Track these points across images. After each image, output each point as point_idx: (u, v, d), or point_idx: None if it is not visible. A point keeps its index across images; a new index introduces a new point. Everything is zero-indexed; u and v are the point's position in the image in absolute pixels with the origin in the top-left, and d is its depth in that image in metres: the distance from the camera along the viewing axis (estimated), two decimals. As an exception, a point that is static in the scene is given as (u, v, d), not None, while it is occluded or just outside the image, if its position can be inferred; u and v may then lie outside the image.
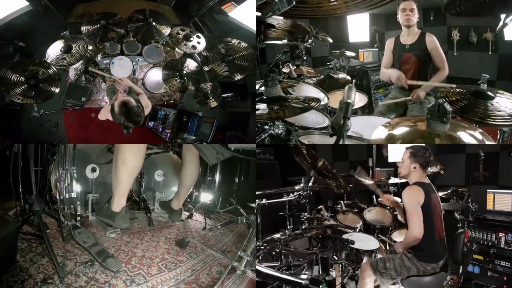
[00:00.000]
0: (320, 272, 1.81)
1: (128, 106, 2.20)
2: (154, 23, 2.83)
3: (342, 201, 3.29)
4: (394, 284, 2.25)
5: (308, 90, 3.08)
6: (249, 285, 2.17)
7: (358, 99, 3.17)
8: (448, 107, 1.61)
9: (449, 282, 2.31)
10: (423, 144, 2.25)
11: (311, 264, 2.18)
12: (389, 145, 3.92)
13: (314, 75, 3.74)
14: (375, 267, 2.18)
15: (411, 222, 2.11)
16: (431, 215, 2.10)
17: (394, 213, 3.09)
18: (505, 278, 2.33)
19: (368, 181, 3.17)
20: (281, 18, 2.41)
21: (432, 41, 2.99)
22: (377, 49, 4.85)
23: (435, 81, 3.01)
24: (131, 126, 2.24)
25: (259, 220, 2.48)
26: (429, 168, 3.44)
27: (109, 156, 3.00)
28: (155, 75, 2.98)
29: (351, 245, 2.39)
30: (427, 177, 2.28)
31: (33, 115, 2.68)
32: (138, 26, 2.83)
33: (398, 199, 2.74)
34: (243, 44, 2.88)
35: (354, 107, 2.70)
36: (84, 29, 2.71)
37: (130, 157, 2.48)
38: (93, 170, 2.89)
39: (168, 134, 3.00)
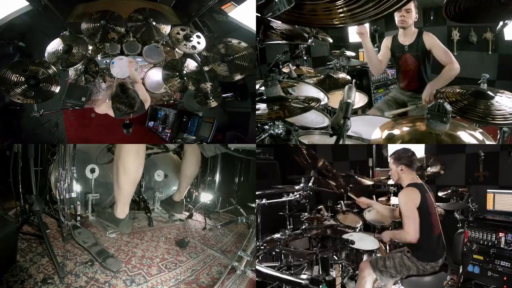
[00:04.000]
0: (320, 272, 1.81)
1: (123, 87, 2.29)
2: (154, 23, 2.83)
3: (342, 201, 3.29)
4: (394, 284, 2.26)
5: (308, 90, 3.09)
6: (249, 285, 2.16)
7: (358, 99, 3.17)
8: (448, 107, 1.62)
9: (449, 282, 2.31)
10: (405, 145, 2.25)
11: (311, 264, 2.18)
12: (389, 145, 3.92)
13: (314, 75, 3.75)
14: (375, 265, 2.18)
15: (407, 226, 2.10)
16: (428, 215, 2.10)
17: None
18: (505, 278, 2.33)
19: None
20: (279, 22, 2.40)
21: (430, 39, 2.91)
22: (377, 49, 4.85)
23: (444, 77, 2.78)
24: (124, 109, 2.27)
25: (259, 220, 2.48)
26: (429, 168, 3.48)
27: (109, 156, 3.00)
28: (155, 75, 2.98)
29: (351, 245, 2.39)
30: (418, 177, 2.27)
31: (33, 115, 2.68)
32: (138, 26, 2.83)
33: (372, 202, 2.79)
34: (243, 44, 2.88)
35: (354, 107, 2.69)
36: (84, 29, 2.71)
37: (131, 166, 2.48)
38: (93, 170, 2.89)
39: (168, 134, 3.01)
